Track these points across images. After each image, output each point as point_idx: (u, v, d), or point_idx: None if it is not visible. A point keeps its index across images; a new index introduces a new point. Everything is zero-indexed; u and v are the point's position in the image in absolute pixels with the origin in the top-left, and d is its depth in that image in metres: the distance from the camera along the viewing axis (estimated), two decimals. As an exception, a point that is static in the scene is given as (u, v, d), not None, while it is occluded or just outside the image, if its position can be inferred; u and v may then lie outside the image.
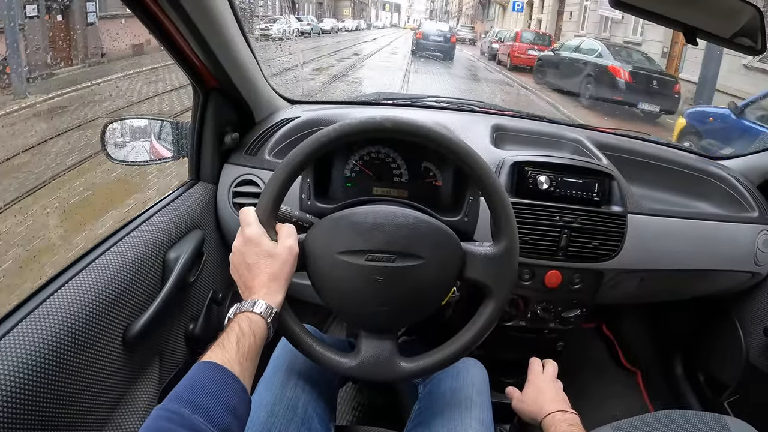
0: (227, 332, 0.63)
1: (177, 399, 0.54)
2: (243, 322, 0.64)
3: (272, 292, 0.69)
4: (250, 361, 0.62)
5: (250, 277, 0.70)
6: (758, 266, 1.28)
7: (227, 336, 0.62)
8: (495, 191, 0.77)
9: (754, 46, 0.94)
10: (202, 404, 0.54)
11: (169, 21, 0.84)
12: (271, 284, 0.69)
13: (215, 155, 1.14)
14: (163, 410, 0.53)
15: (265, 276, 0.69)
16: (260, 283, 0.69)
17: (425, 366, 0.78)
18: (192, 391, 0.55)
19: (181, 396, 0.55)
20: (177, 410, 0.53)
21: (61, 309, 0.71)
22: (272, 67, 7.86)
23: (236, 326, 0.63)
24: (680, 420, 0.89)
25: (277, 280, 0.70)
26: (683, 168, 1.36)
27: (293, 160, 0.74)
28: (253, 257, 0.70)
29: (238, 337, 0.62)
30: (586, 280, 1.18)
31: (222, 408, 0.55)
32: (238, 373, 0.59)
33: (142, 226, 0.94)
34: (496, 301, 0.78)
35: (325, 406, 0.89)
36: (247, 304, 0.67)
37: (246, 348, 0.62)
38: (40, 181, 3.35)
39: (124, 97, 6.13)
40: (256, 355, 0.64)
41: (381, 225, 0.74)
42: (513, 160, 1.13)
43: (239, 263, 0.71)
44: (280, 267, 0.70)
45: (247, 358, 0.61)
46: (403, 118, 0.76)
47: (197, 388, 0.56)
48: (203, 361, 0.59)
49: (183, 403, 0.53)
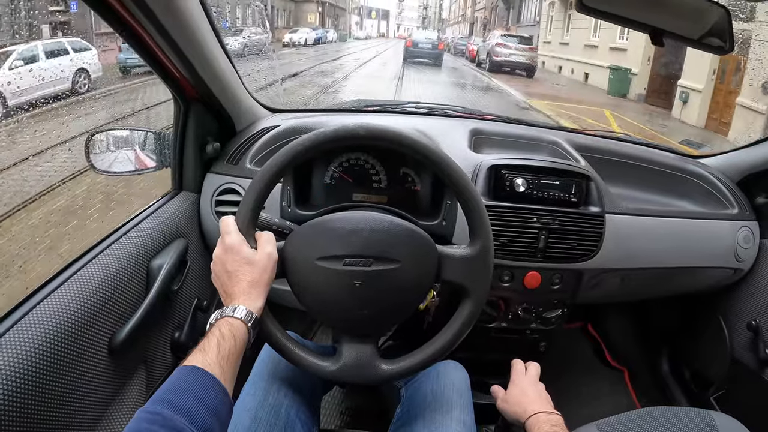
0: (208, 337, 0.64)
1: (159, 401, 0.55)
2: (224, 327, 0.65)
3: (253, 298, 0.70)
4: (230, 365, 0.63)
5: (230, 284, 0.71)
6: (739, 262, 1.30)
7: (208, 340, 0.63)
8: (467, 193, 0.78)
9: (723, 45, 0.96)
10: (184, 406, 0.55)
11: (147, 35, 0.85)
12: (252, 290, 0.70)
13: (197, 165, 1.15)
14: (144, 412, 0.54)
15: (245, 283, 0.70)
16: (240, 289, 0.70)
17: (406, 367, 0.79)
18: (173, 393, 0.56)
19: (163, 398, 0.55)
20: (159, 411, 0.54)
21: (45, 318, 0.72)
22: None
23: (217, 331, 0.65)
24: (665, 416, 0.89)
25: (257, 286, 0.71)
26: (662, 167, 1.38)
27: (270, 170, 0.76)
28: (233, 265, 0.71)
29: (219, 341, 0.63)
30: (566, 280, 1.19)
31: (203, 409, 0.56)
32: (218, 375, 0.60)
33: (126, 236, 0.95)
34: (473, 301, 0.79)
35: (309, 411, 0.90)
36: (228, 310, 0.68)
37: (226, 351, 0.63)
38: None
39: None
40: (237, 359, 0.65)
41: (357, 230, 0.75)
42: (490, 163, 1.14)
43: (220, 271, 0.73)
44: (260, 274, 0.71)
45: (227, 361, 0.62)
46: (376, 125, 0.78)
47: (179, 390, 0.56)
48: (184, 365, 0.60)
49: (164, 405, 0.54)
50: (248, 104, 1.25)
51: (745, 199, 1.35)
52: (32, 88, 4.41)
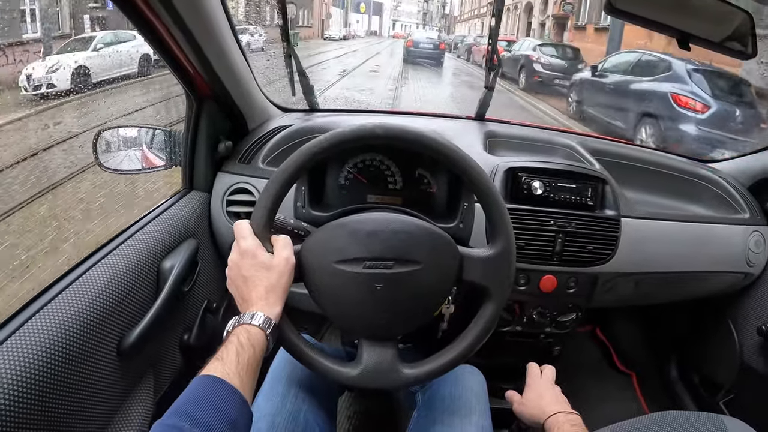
0: (226, 345, 0.62)
1: (176, 413, 0.54)
2: (242, 335, 0.64)
3: (270, 304, 0.68)
4: (250, 374, 0.61)
5: (247, 290, 0.69)
6: (750, 267, 1.30)
7: (226, 349, 0.62)
8: (489, 194, 0.77)
9: (744, 50, 0.96)
10: (202, 418, 0.53)
11: (165, 28, 0.83)
12: (269, 296, 0.69)
13: (209, 164, 1.13)
14: (162, 425, 0.52)
15: (262, 288, 0.69)
16: (258, 295, 0.68)
17: (429, 371, 0.77)
18: (191, 405, 0.55)
19: (181, 410, 0.54)
20: (176, 424, 0.52)
21: (54, 319, 0.70)
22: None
23: (235, 339, 0.63)
24: (677, 421, 0.89)
25: (275, 291, 0.69)
26: (675, 171, 1.38)
27: (286, 170, 0.74)
28: (249, 270, 0.69)
29: (238, 350, 0.61)
30: (581, 284, 1.18)
31: (222, 422, 0.54)
32: (238, 385, 0.58)
33: (136, 236, 0.93)
34: (495, 302, 0.78)
35: (326, 416, 0.89)
36: (246, 317, 0.66)
37: (245, 361, 0.61)
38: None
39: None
40: (256, 368, 0.64)
41: (377, 232, 0.74)
42: (507, 166, 1.14)
43: (236, 276, 0.71)
44: (277, 279, 0.70)
45: (246, 370, 0.61)
46: (394, 125, 0.76)
47: (197, 402, 0.55)
48: (203, 374, 0.58)
49: (183, 417, 0.53)
50: (261, 102, 1.24)
51: (757, 204, 1.35)
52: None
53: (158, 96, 5.95)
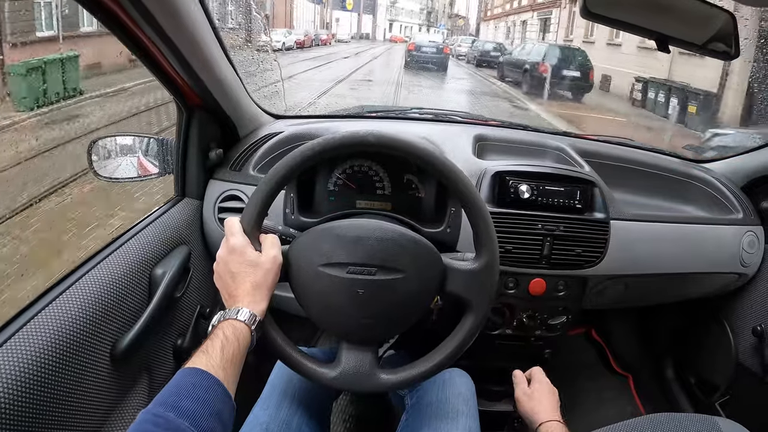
0: (211, 339, 0.64)
1: (162, 403, 0.55)
2: (227, 329, 0.65)
3: (256, 300, 0.70)
4: (233, 367, 0.63)
5: (234, 285, 0.71)
6: (744, 267, 1.29)
7: (211, 342, 0.63)
8: (475, 206, 0.77)
9: (729, 51, 0.96)
10: (188, 408, 0.54)
11: (149, 41, 0.84)
12: (255, 293, 0.70)
13: (200, 171, 1.15)
14: (148, 414, 0.54)
15: (248, 284, 0.70)
16: (244, 291, 0.70)
17: (405, 378, 0.78)
18: (177, 395, 0.56)
19: (167, 401, 0.55)
20: (162, 414, 0.53)
21: (48, 326, 0.71)
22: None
23: (220, 333, 0.64)
24: (670, 423, 0.88)
25: (261, 288, 0.71)
26: (667, 172, 1.37)
27: (278, 173, 0.76)
28: (237, 266, 0.71)
29: (222, 344, 0.63)
30: (571, 287, 1.18)
31: (207, 412, 0.55)
32: (222, 378, 0.60)
33: (128, 243, 0.94)
34: (476, 315, 0.79)
35: (318, 425, 0.91)
36: (231, 312, 0.68)
37: (230, 354, 0.63)
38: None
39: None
40: (240, 362, 0.65)
41: (363, 238, 0.75)
42: (494, 170, 1.14)
43: (223, 272, 0.72)
44: (264, 276, 0.71)
45: (231, 364, 0.62)
46: (386, 132, 0.77)
47: (182, 393, 0.56)
48: (188, 367, 0.60)
49: (168, 407, 0.54)
50: (251, 110, 1.25)
51: (750, 204, 1.34)
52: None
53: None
